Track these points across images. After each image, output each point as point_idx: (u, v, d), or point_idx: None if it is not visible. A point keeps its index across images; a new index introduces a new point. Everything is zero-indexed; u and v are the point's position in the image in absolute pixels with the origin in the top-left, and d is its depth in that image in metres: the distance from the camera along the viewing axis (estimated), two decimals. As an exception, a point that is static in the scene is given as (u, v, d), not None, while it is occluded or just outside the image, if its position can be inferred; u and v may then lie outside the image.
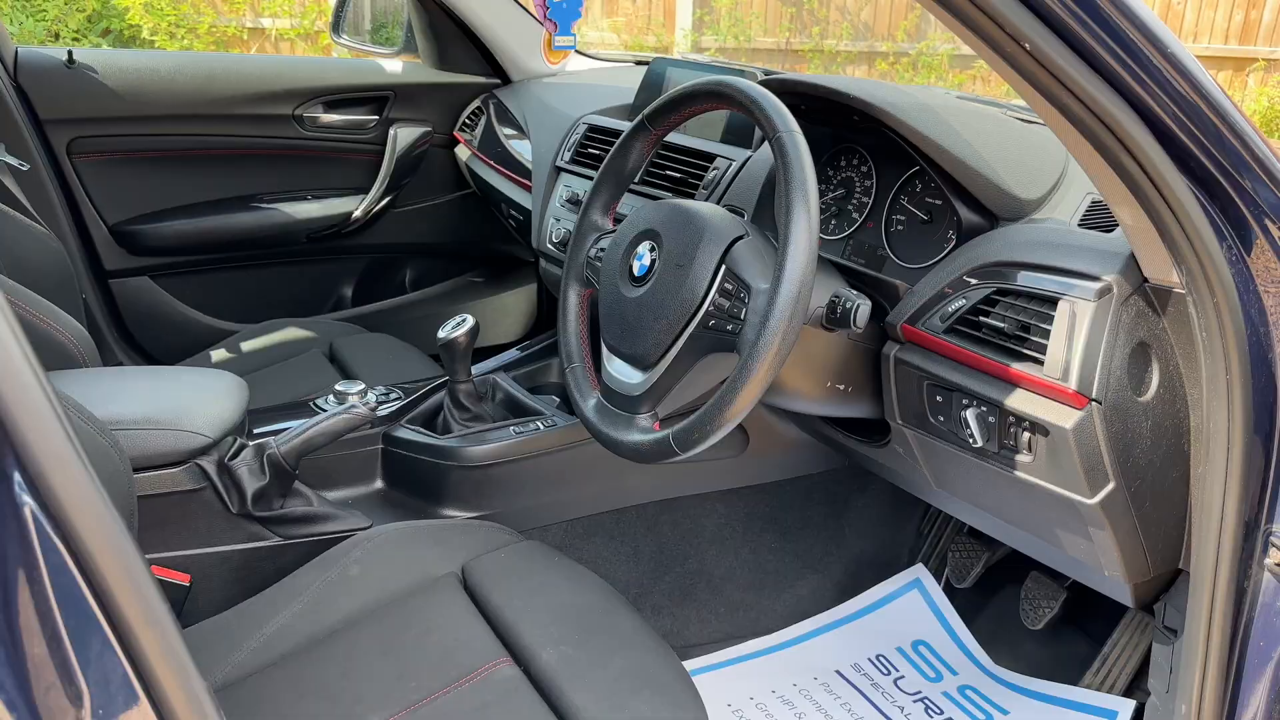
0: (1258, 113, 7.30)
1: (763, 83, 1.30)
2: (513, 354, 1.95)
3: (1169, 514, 1.18)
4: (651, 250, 1.25)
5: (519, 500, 1.66)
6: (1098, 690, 1.62)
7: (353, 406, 1.54)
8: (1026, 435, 1.16)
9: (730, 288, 1.16)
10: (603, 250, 1.37)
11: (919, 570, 1.94)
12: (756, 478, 1.82)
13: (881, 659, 1.82)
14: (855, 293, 1.18)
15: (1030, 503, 1.25)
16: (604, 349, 1.32)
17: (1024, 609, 1.73)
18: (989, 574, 1.83)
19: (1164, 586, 1.29)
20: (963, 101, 1.38)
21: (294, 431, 1.49)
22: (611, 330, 1.29)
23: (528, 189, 2.09)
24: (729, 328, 1.14)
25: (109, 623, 0.61)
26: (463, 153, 2.48)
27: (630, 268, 1.27)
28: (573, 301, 1.43)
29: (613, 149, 1.39)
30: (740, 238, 1.20)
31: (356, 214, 2.43)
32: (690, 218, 1.23)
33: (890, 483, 1.68)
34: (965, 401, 1.21)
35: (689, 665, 1.75)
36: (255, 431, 1.60)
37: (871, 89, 1.28)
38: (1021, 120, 1.39)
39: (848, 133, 1.46)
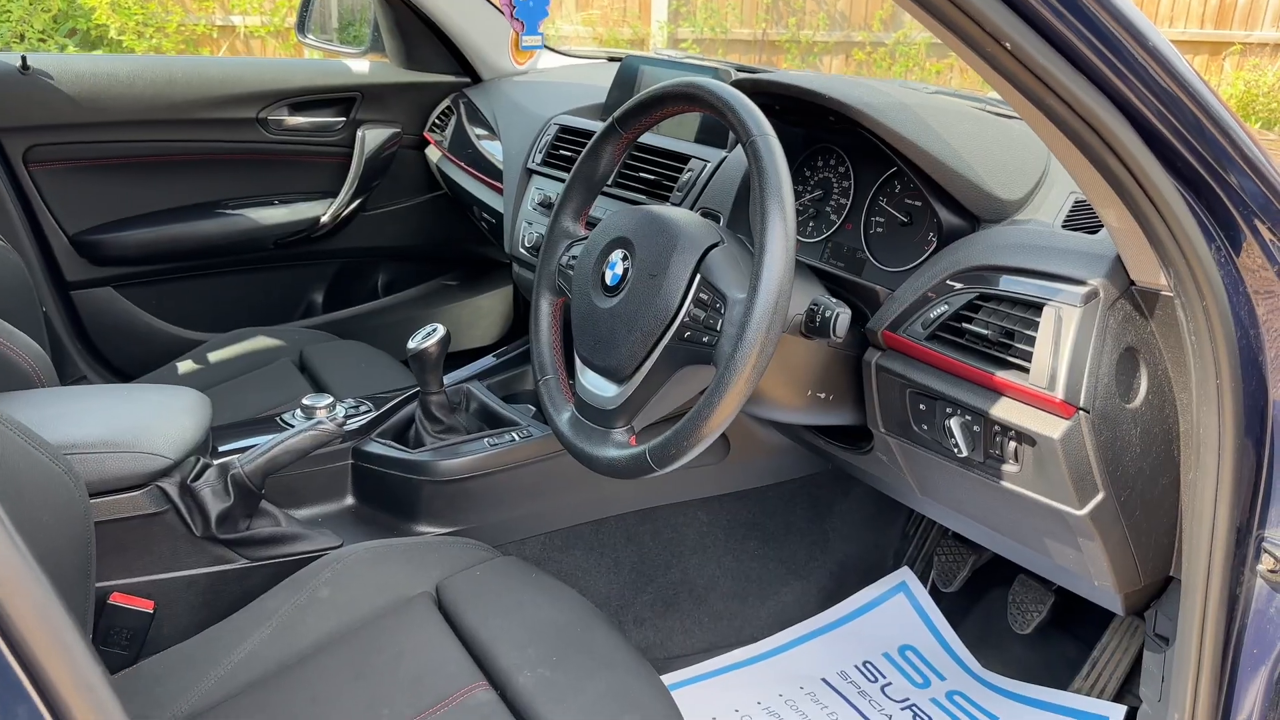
0: (1234, 97, 7.31)
1: (735, 83, 1.26)
2: (487, 361, 1.90)
3: (1159, 522, 1.15)
4: (624, 259, 1.21)
5: (495, 514, 1.62)
6: (1088, 695, 1.59)
7: (319, 422, 1.49)
8: (1013, 445, 1.13)
9: (706, 298, 1.12)
10: (575, 258, 1.33)
11: (905, 574, 1.91)
12: (738, 484, 1.79)
13: (868, 665, 1.79)
14: (834, 300, 1.14)
15: (1017, 512, 1.21)
16: (577, 361, 1.28)
17: (1012, 613, 1.70)
18: (975, 577, 1.80)
19: (1155, 594, 1.26)
20: (941, 99, 1.35)
21: (259, 450, 1.44)
22: (584, 342, 1.24)
23: (499, 191, 2.04)
24: (705, 339, 1.10)
25: (36, 691, 0.57)
26: (433, 154, 2.43)
27: (602, 277, 1.23)
28: (545, 311, 1.39)
29: (583, 153, 1.35)
30: (715, 245, 1.16)
31: (325, 219, 2.38)
32: (663, 225, 1.19)
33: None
34: (949, 410, 1.17)
35: (672, 678, 1.72)
36: (219, 450, 1.55)
37: (847, 88, 1.24)
38: (999, 115, 1.35)
39: (823, 133, 1.42)
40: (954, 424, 1.16)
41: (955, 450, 1.17)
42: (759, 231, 1.06)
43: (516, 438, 1.63)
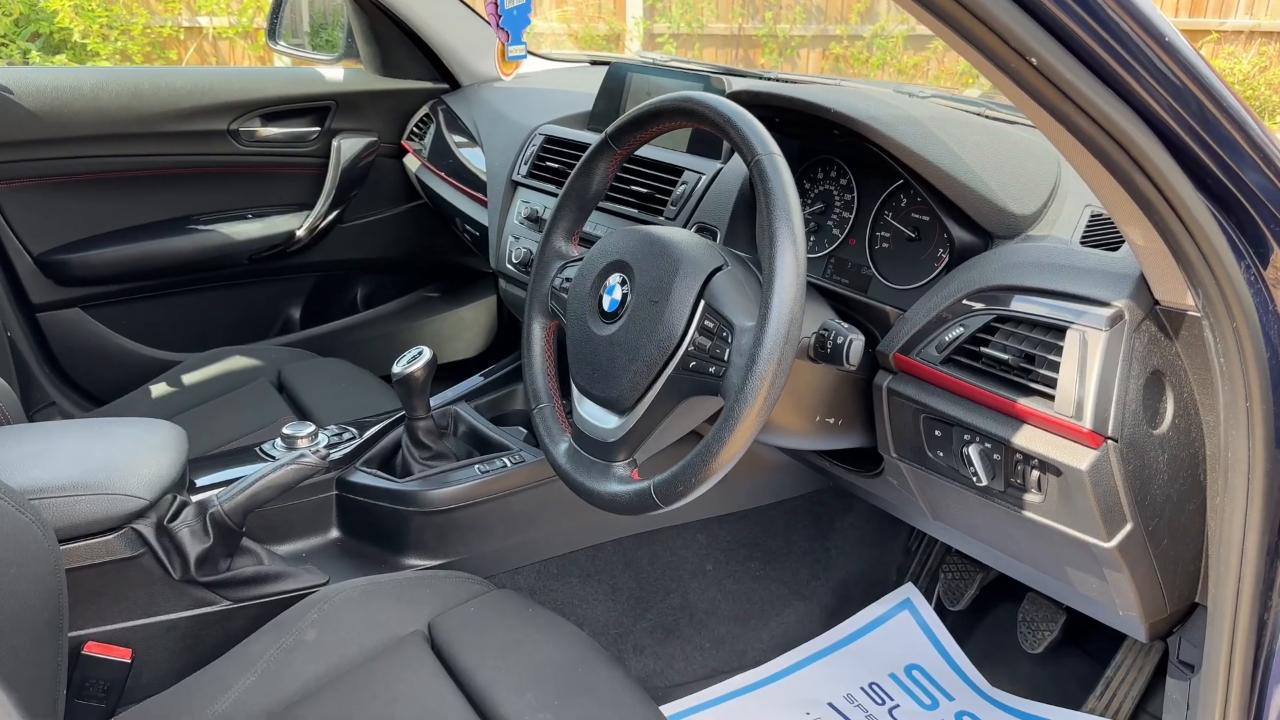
0: (1209, 85, 7.30)
1: (734, 96, 1.20)
2: (474, 381, 1.83)
3: (1187, 549, 1.11)
4: (623, 283, 1.15)
5: (487, 544, 1.56)
6: (1102, 715, 1.55)
7: (302, 455, 1.42)
8: (1035, 474, 1.08)
9: (711, 325, 1.06)
10: (569, 280, 1.27)
11: (909, 590, 1.86)
12: (739, 504, 1.73)
13: (875, 687, 1.74)
14: (846, 325, 1.08)
15: (1038, 541, 1.16)
16: (574, 389, 1.22)
17: (1022, 631, 1.65)
18: (983, 593, 1.75)
19: (1179, 620, 1.21)
20: (948, 109, 1.29)
21: (239, 486, 1.37)
22: (582, 371, 1.18)
23: (482, 203, 1.98)
24: (712, 370, 1.04)
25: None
26: (412, 163, 2.36)
27: (600, 302, 1.17)
28: (537, 335, 1.33)
29: (574, 170, 1.29)
30: (719, 269, 1.10)
31: (300, 232, 2.30)
32: (664, 247, 1.13)
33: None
34: (967, 437, 1.12)
35: (675, 707, 1.66)
36: (197, 484, 1.48)
37: (851, 101, 1.18)
38: (1004, 121, 1.30)
39: (824, 144, 1.37)
40: (973, 452, 1.11)
41: (974, 479, 1.12)
42: (768, 256, 1.00)
43: (508, 463, 1.57)
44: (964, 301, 1.12)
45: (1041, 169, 1.23)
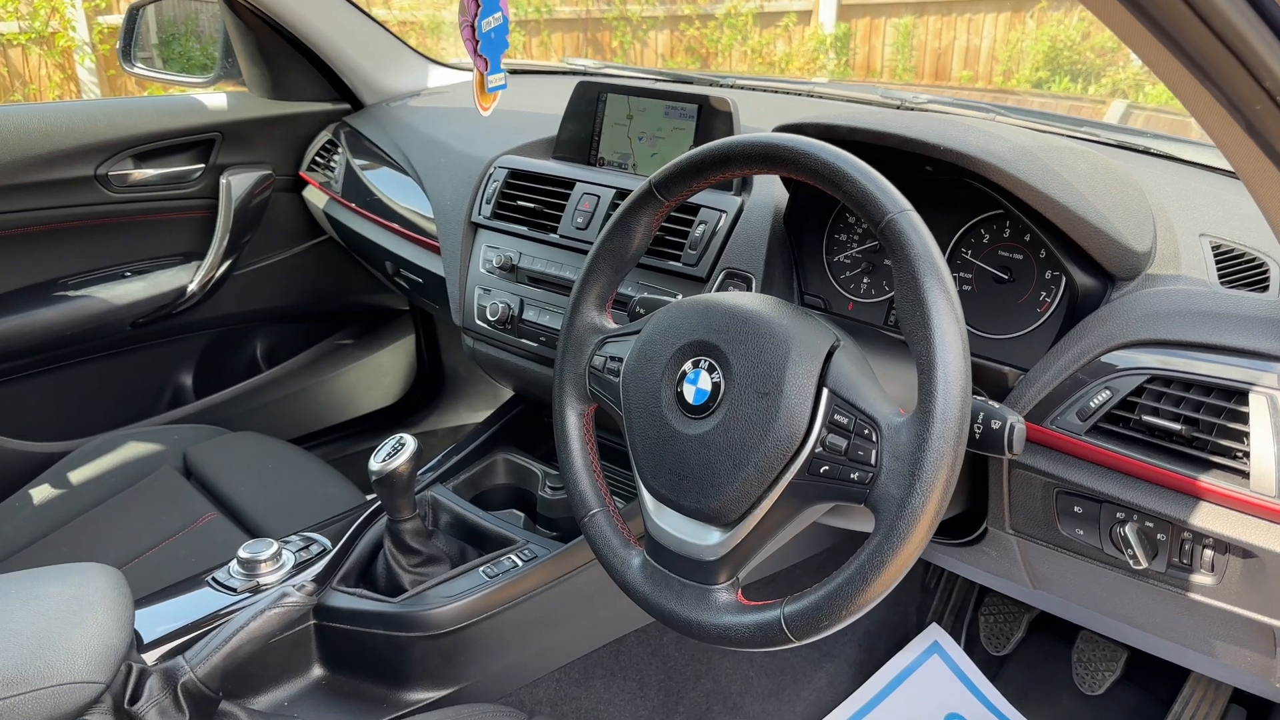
0: (1040, 53, 7.58)
1: (818, 133, 1.01)
2: (444, 459, 1.57)
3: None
4: (710, 371, 0.94)
5: (500, 661, 1.32)
6: (1175, 757, 1.46)
7: (284, 594, 1.15)
8: (1209, 554, 0.94)
9: (844, 421, 0.87)
10: (615, 360, 1.05)
11: (935, 632, 1.73)
12: (766, 569, 1.55)
13: (920, 746, 1.60)
14: (997, 405, 0.91)
15: (1192, 619, 1.03)
16: (645, 495, 1.01)
17: (1078, 673, 1.54)
18: (1028, 633, 1.64)
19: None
20: (1049, 136, 1.14)
21: (211, 644, 1.10)
22: (660, 475, 0.97)
23: (422, 244, 1.71)
24: (854, 476, 0.85)
25: None
26: (317, 197, 2.05)
27: (681, 394, 0.96)
28: (573, 424, 1.10)
29: (608, 227, 1.07)
30: (835, 347, 0.91)
31: (193, 286, 1.97)
32: (760, 324, 0.93)
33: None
34: (1120, 515, 0.97)
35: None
36: (144, 638, 1.19)
37: (962, 135, 1.00)
38: (1089, 141, 1.16)
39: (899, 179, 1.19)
40: (1130, 533, 0.96)
41: (1132, 562, 0.97)
42: (921, 336, 0.82)
43: (519, 561, 1.34)
44: (1103, 360, 0.97)
45: (1140, 197, 1.09)
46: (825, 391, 0.89)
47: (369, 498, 1.72)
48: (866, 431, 0.86)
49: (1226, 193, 1.16)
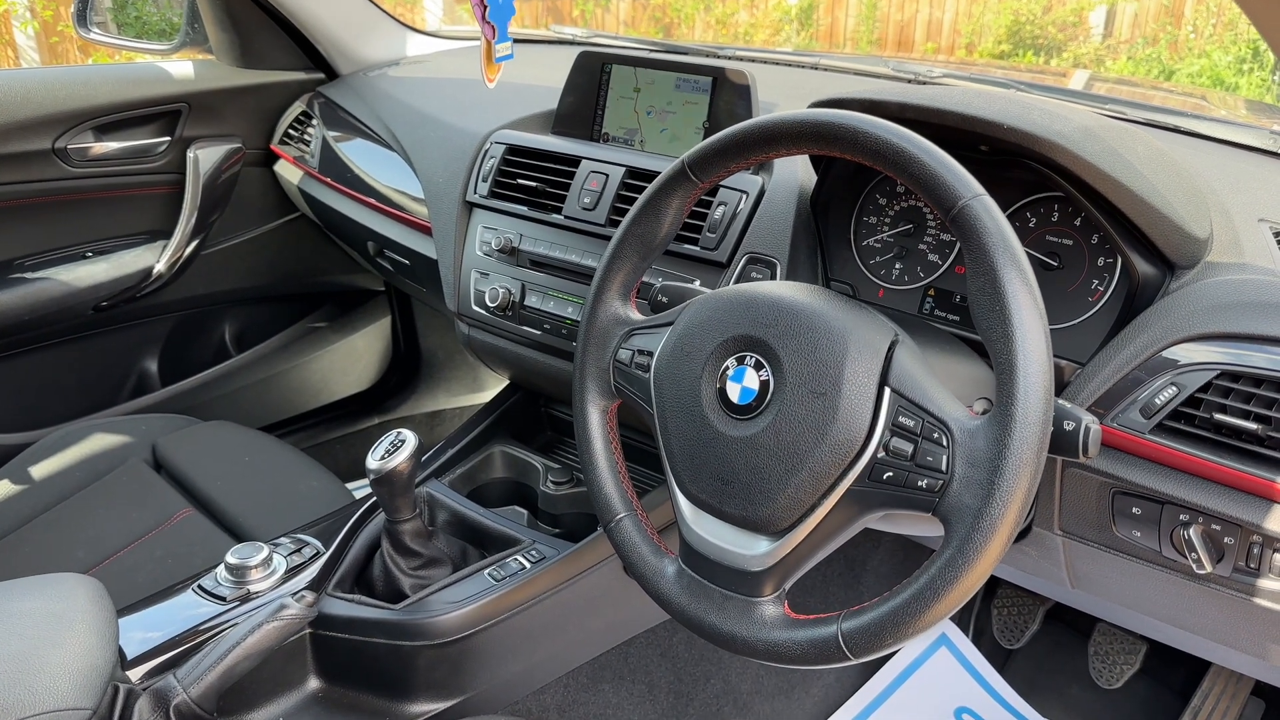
0: (1004, 27, 7.57)
1: (864, 110, 0.93)
2: (438, 454, 1.49)
3: None
4: (757, 368, 0.87)
5: (508, 667, 1.25)
6: (1196, 752, 1.43)
7: (283, 606, 1.07)
8: (1278, 557, 0.89)
9: (910, 424, 0.80)
10: (642, 353, 0.98)
11: (942, 624, 1.69)
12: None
13: (931, 742, 1.56)
14: (1068, 404, 0.85)
15: (1250, 622, 0.99)
16: (682, 499, 0.94)
17: (1095, 667, 1.51)
18: (1042, 625, 1.60)
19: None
20: (1105, 117, 1.07)
21: (205, 661, 1.02)
22: (700, 480, 0.90)
23: (408, 223, 1.61)
24: (921, 483, 0.79)
25: None
26: (290, 172, 1.94)
27: (723, 394, 0.89)
28: (595, 423, 1.03)
29: (635, 210, 0.99)
30: (895, 343, 0.85)
31: (160, 267, 1.85)
32: (814, 317, 0.86)
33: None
34: (1184, 518, 0.92)
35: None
36: (127, 655, 1.10)
37: (1023, 113, 0.94)
38: (1143, 125, 1.10)
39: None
40: (1194, 535, 0.91)
41: (1195, 566, 0.92)
42: (1000, 333, 0.76)
43: (526, 563, 1.26)
44: (1166, 354, 0.92)
45: (1193, 181, 1.04)
46: (887, 391, 0.82)
47: (351, 488, 1.64)
48: (936, 435, 0.79)
49: (1278, 175, 1.12)
